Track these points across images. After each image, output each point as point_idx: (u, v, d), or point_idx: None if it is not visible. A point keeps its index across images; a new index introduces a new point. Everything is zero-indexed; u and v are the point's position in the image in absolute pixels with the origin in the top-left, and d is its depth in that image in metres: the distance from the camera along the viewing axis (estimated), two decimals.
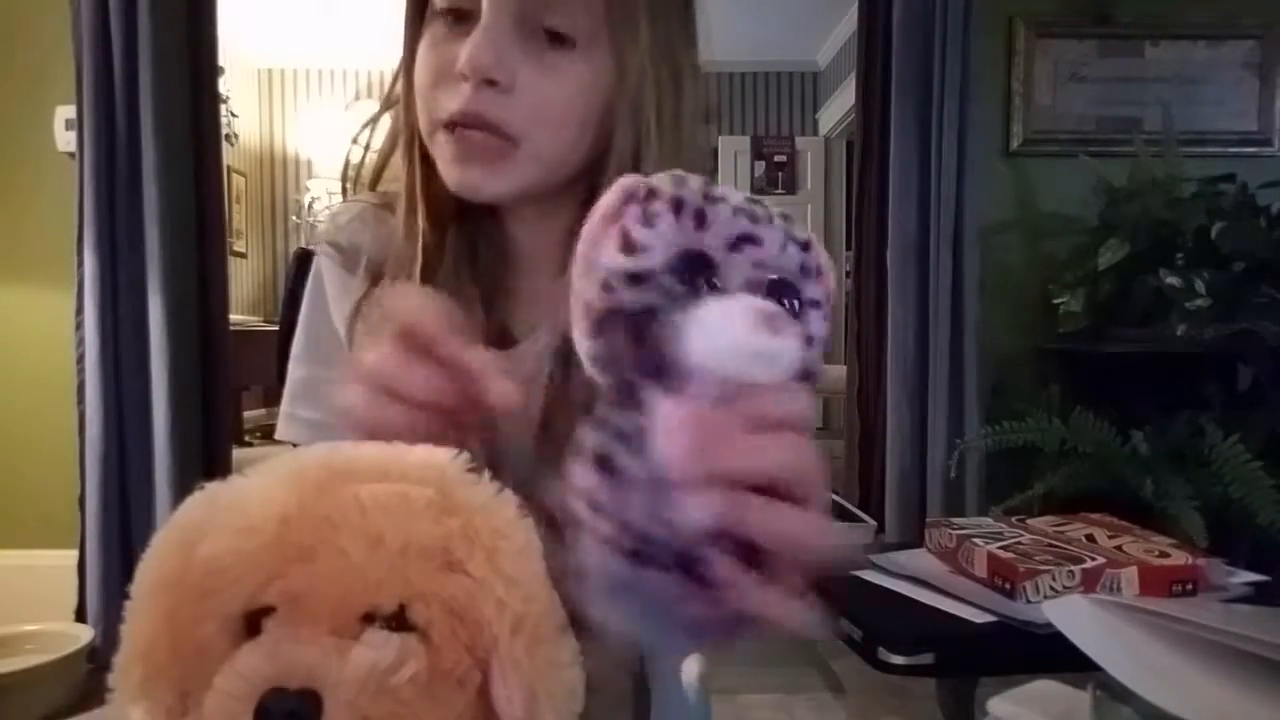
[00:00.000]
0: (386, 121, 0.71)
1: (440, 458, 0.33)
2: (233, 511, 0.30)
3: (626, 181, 0.36)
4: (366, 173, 0.72)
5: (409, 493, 0.31)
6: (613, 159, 0.62)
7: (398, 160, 0.69)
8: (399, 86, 0.67)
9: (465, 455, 0.34)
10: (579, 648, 0.31)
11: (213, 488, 0.32)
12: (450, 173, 0.60)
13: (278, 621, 0.28)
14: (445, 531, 0.30)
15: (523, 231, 0.68)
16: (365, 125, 0.71)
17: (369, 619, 0.28)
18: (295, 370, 0.70)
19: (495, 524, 0.31)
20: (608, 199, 0.36)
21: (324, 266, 0.70)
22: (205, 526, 0.30)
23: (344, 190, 0.73)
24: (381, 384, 0.40)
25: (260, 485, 0.31)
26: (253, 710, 0.25)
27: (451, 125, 0.59)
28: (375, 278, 0.66)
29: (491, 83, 0.57)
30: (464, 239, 0.66)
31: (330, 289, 0.70)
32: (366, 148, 0.72)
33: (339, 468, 0.31)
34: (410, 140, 0.64)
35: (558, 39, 0.59)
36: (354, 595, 0.28)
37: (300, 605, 0.28)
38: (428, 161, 0.63)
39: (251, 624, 0.29)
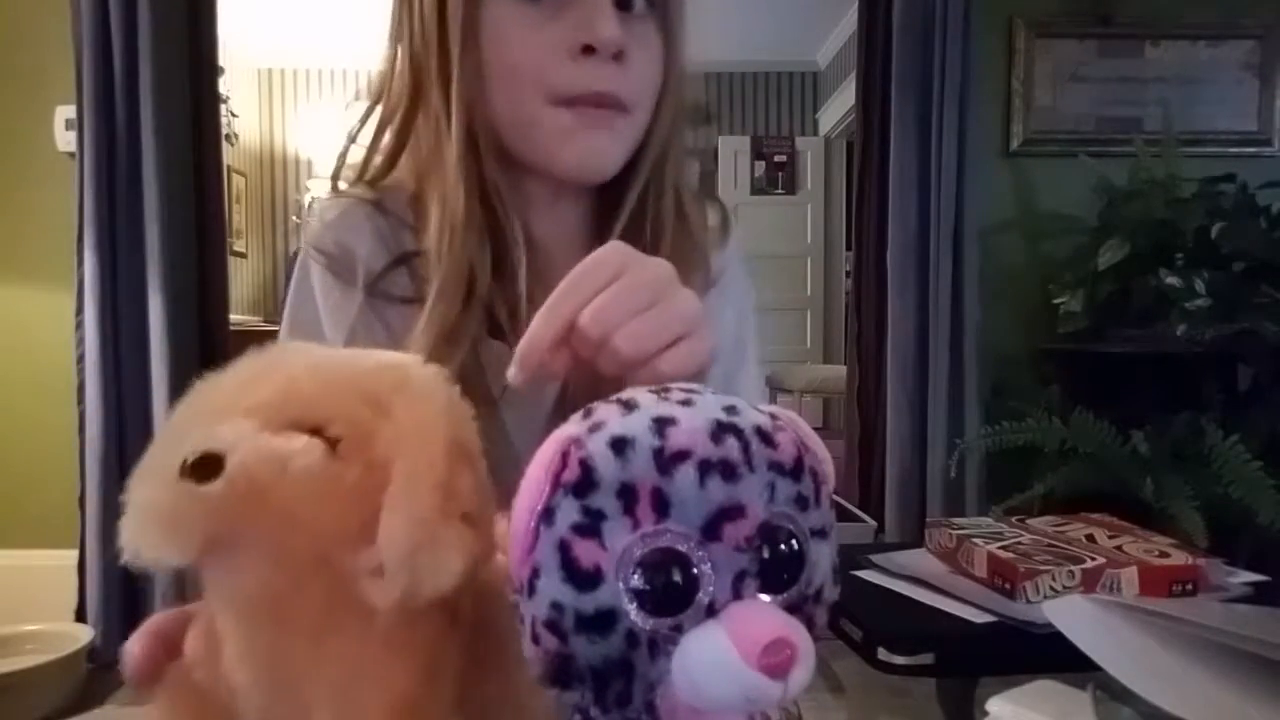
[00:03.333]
0: (374, 118, 0.68)
1: (418, 359, 0.38)
2: (230, 369, 0.37)
3: (570, 429, 0.30)
4: (370, 170, 0.69)
5: (363, 353, 0.37)
6: (656, 134, 0.64)
7: (379, 159, 0.67)
8: (426, 79, 0.64)
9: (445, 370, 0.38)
10: (470, 543, 0.32)
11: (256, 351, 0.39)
12: (574, 149, 0.61)
13: (234, 422, 0.33)
14: (380, 381, 0.34)
15: (538, 226, 0.67)
16: (364, 121, 0.69)
17: (298, 426, 0.32)
18: None
19: (429, 390, 0.35)
20: (545, 449, 0.29)
21: (313, 271, 0.68)
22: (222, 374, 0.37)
23: (334, 186, 0.70)
24: None
25: (253, 353, 0.38)
26: (179, 465, 0.30)
27: (575, 101, 0.59)
28: (371, 288, 0.64)
29: (617, 56, 0.59)
30: (499, 245, 0.65)
31: (321, 298, 0.67)
32: (353, 139, 0.70)
33: (323, 346, 0.39)
34: (471, 131, 0.61)
35: (628, 9, 0.61)
36: (285, 406, 0.33)
37: (252, 413, 0.33)
38: (474, 140, 0.62)
39: None
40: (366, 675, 0.32)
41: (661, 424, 0.28)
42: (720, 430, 0.28)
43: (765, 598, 0.28)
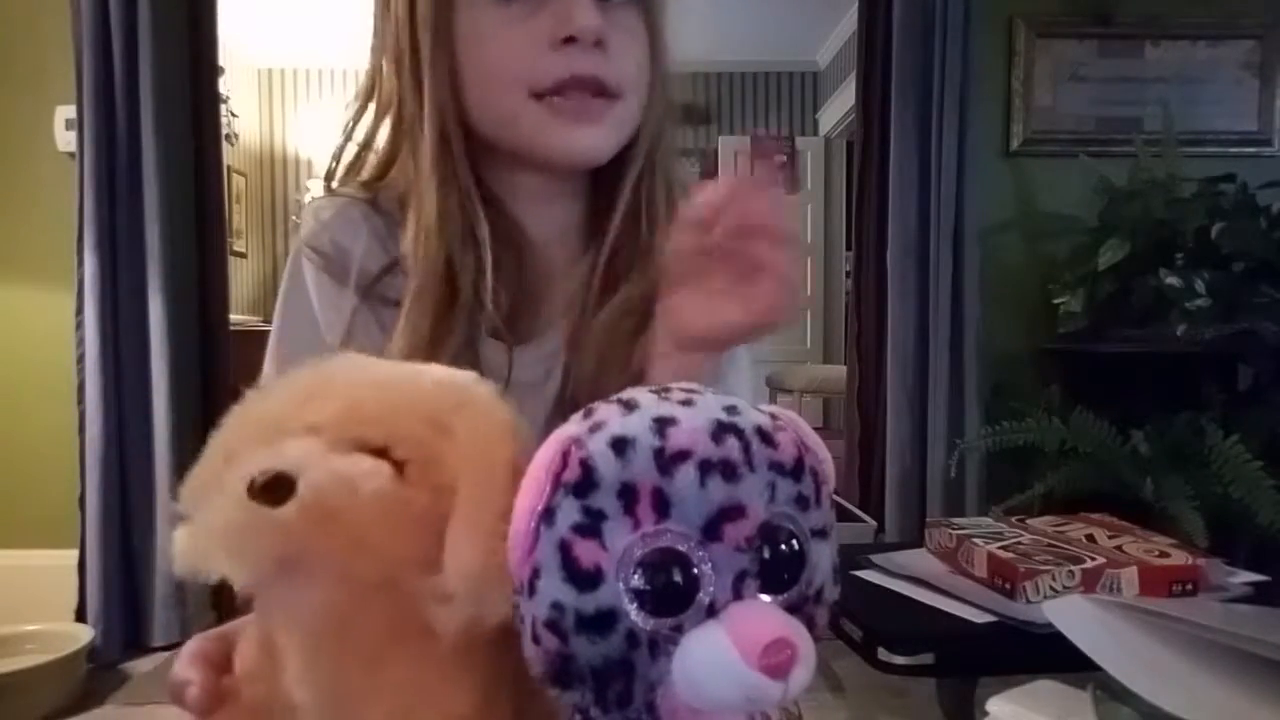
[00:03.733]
0: (368, 118, 0.69)
1: (475, 376, 0.39)
2: (284, 380, 0.38)
3: (570, 428, 0.30)
4: (365, 169, 0.70)
5: (424, 370, 0.37)
6: (648, 119, 0.64)
7: (373, 157, 0.68)
8: (401, 82, 0.64)
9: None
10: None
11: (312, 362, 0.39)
12: (563, 139, 0.61)
13: (292, 440, 0.33)
14: (442, 400, 0.35)
15: (533, 220, 0.67)
16: (355, 121, 0.70)
17: (361, 449, 0.33)
18: (267, 366, 0.68)
19: (492, 412, 0.35)
20: (545, 449, 0.29)
21: (306, 270, 0.68)
22: (264, 392, 0.38)
23: (327, 184, 0.70)
24: None
25: (310, 366, 0.38)
26: (246, 484, 0.30)
27: (560, 89, 0.59)
28: (366, 291, 0.63)
29: (599, 44, 0.59)
30: (491, 239, 0.65)
31: (316, 297, 0.67)
32: (348, 137, 0.70)
33: (379, 360, 0.40)
34: (444, 134, 0.62)
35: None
36: (350, 425, 0.33)
37: (312, 431, 0.33)
38: (458, 138, 0.62)
39: None
40: (426, 697, 0.32)
41: (662, 424, 0.28)
42: (721, 430, 0.28)
43: (766, 598, 0.28)
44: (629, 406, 0.30)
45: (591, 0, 0.59)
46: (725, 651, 0.26)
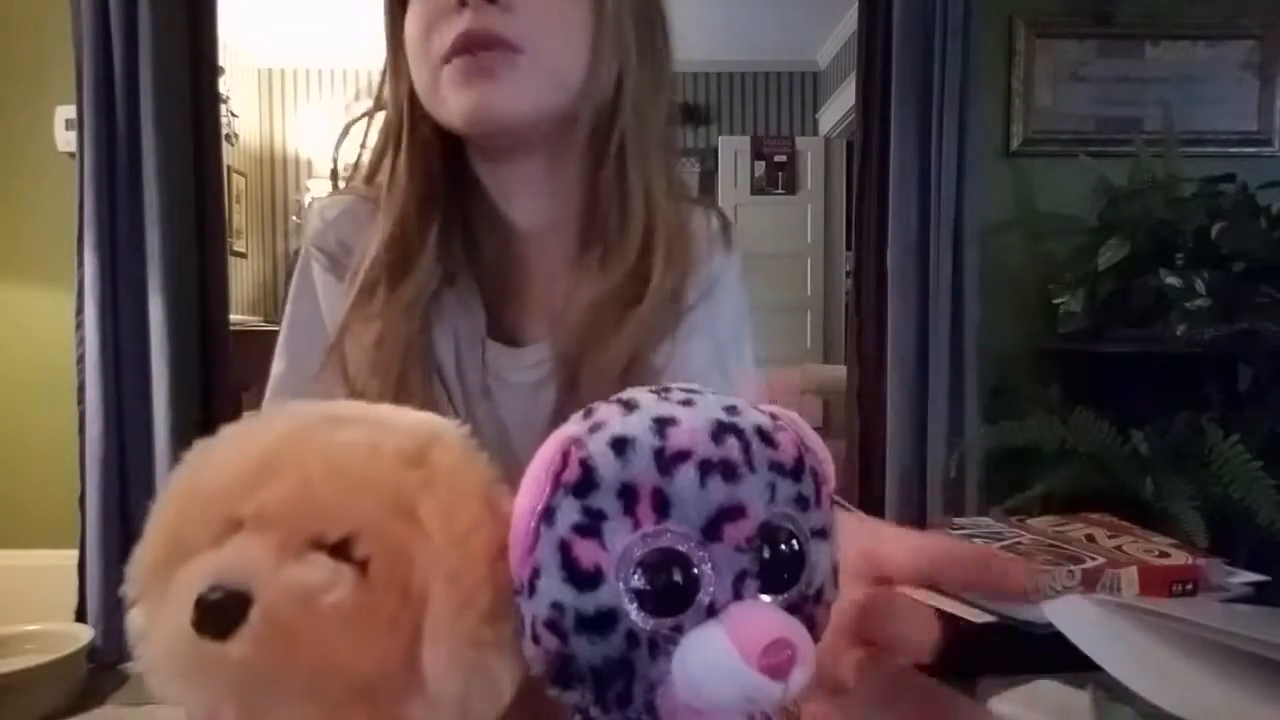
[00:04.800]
0: (378, 119, 0.69)
1: (436, 421, 0.35)
2: (231, 443, 0.34)
3: (571, 428, 0.29)
4: (361, 168, 0.70)
5: (383, 439, 0.32)
6: (591, 84, 0.61)
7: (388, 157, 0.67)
8: (387, 85, 0.65)
9: (466, 427, 0.35)
10: (514, 640, 0.30)
11: (228, 426, 0.35)
12: (460, 101, 0.58)
13: (241, 534, 0.30)
14: (406, 480, 0.31)
15: (523, 214, 0.66)
16: (357, 119, 0.69)
17: (316, 545, 0.29)
18: (277, 364, 0.69)
19: (459, 484, 0.32)
20: (546, 448, 0.29)
21: (314, 270, 0.69)
22: (209, 455, 0.34)
23: (334, 183, 0.71)
24: None
25: (260, 424, 0.34)
26: (194, 598, 0.27)
27: (456, 51, 0.57)
28: (363, 284, 0.64)
29: (495, 0, 0.57)
30: (461, 227, 0.64)
31: (323, 297, 0.68)
32: (346, 133, 0.70)
33: (334, 414, 0.34)
34: (399, 110, 0.62)
35: None
36: (305, 518, 0.30)
37: (260, 523, 0.30)
38: (427, 131, 0.62)
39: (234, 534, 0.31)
40: None
41: (662, 424, 0.28)
42: (721, 430, 0.28)
43: (766, 598, 0.28)
44: (629, 407, 0.30)
45: None
46: (725, 651, 0.26)
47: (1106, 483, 1.92)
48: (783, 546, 0.28)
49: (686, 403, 0.30)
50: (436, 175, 0.63)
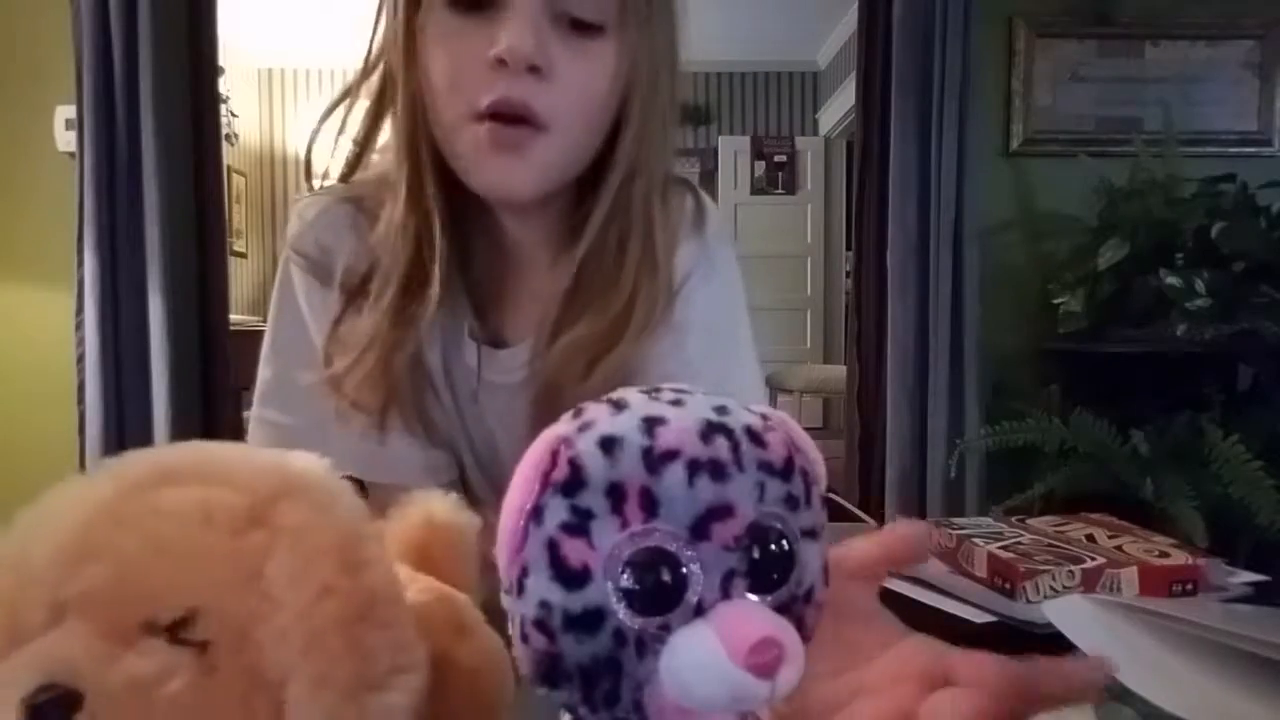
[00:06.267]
0: (360, 110, 0.68)
1: (288, 468, 0.31)
2: (58, 503, 0.29)
3: (560, 428, 0.29)
4: (337, 165, 0.69)
5: (212, 500, 0.29)
6: (621, 153, 0.61)
7: (377, 157, 0.67)
8: (376, 78, 0.64)
9: (326, 462, 0.32)
10: (405, 699, 0.28)
11: (75, 477, 0.31)
12: (484, 173, 0.58)
13: (66, 621, 0.27)
14: (243, 546, 0.28)
15: (518, 226, 0.66)
16: (335, 104, 0.68)
17: (150, 629, 0.27)
18: (263, 371, 0.68)
19: (308, 543, 0.28)
20: (535, 449, 0.29)
21: (294, 273, 0.68)
22: (47, 512, 0.29)
23: (309, 182, 0.70)
24: None
25: (90, 483, 0.30)
26: (19, 701, 0.25)
27: (488, 116, 0.56)
28: (350, 291, 0.63)
29: (534, 69, 0.56)
30: (458, 242, 0.64)
31: (304, 300, 0.67)
32: (324, 120, 0.69)
33: (164, 467, 0.30)
34: (413, 138, 0.61)
35: (582, 26, 0.58)
36: (132, 601, 0.27)
37: (85, 608, 0.27)
38: (436, 161, 0.61)
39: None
40: None
41: (650, 424, 0.28)
42: (710, 430, 0.28)
43: (754, 598, 0.28)
44: (619, 406, 0.29)
45: (532, 24, 0.55)
46: (712, 650, 0.26)
47: (1106, 483, 1.92)
48: (772, 546, 0.28)
49: (676, 403, 0.30)
50: (440, 187, 0.62)
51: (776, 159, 5.51)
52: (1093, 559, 0.99)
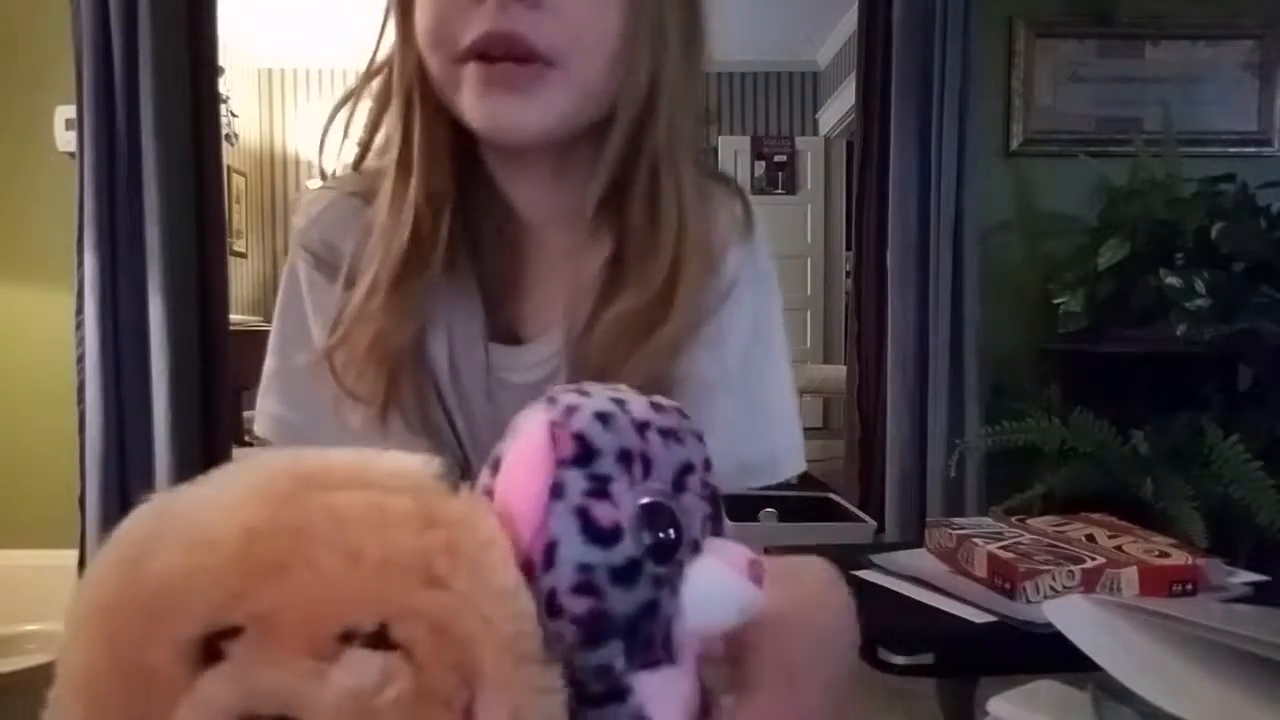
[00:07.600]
0: (364, 107, 0.63)
1: (413, 465, 0.32)
2: (188, 524, 0.28)
3: (544, 415, 0.31)
4: (347, 156, 0.66)
5: (386, 503, 0.29)
6: (628, 88, 0.55)
7: (379, 138, 0.63)
8: (379, 53, 0.60)
9: (437, 462, 0.33)
10: (560, 673, 0.30)
11: (161, 499, 0.30)
12: (479, 108, 0.53)
13: (245, 645, 0.26)
14: (427, 545, 0.28)
15: (529, 203, 0.62)
16: (344, 100, 0.63)
17: (347, 639, 0.26)
18: (268, 364, 0.67)
19: (479, 537, 0.30)
20: (531, 434, 0.31)
21: (300, 268, 0.65)
22: (153, 542, 0.28)
23: (321, 174, 0.67)
24: None
25: (220, 495, 0.29)
26: None
27: (477, 53, 0.52)
28: (360, 283, 0.59)
29: None
30: (462, 220, 0.60)
31: (308, 294, 0.65)
32: (333, 116, 0.65)
33: (308, 475, 0.29)
34: (408, 92, 0.57)
35: None
36: (330, 614, 0.26)
37: (270, 626, 0.26)
38: (432, 115, 0.57)
39: (211, 649, 0.26)
40: None
41: (619, 402, 0.33)
42: (654, 405, 0.34)
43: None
44: (583, 393, 0.34)
45: None
46: (723, 573, 0.32)
47: (1106, 483, 1.92)
48: (713, 494, 0.35)
49: (614, 389, 0.35)
50: (447, 161, 0.58)
51: (776, 159, 5.51)
52: (1093, 559, 0.99)
